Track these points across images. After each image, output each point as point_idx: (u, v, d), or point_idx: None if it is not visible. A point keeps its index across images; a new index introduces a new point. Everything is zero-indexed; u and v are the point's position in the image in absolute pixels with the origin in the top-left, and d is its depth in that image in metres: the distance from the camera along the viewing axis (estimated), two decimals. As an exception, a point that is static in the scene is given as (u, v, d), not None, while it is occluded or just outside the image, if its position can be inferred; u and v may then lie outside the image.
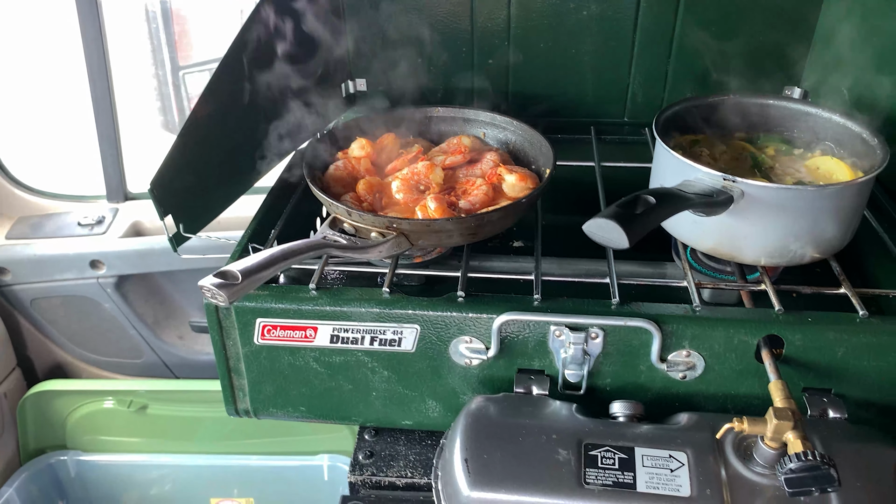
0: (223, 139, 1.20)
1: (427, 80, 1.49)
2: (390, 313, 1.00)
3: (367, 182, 1.15)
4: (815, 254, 1.01)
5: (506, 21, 1.41)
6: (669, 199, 0.85)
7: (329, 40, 1.42)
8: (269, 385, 1.08)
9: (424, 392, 1.05)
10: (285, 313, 1.02)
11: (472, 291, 1.01)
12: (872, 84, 1.22)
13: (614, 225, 0.76)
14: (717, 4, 1.35)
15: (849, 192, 0.96)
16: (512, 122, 1.29)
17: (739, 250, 1.01)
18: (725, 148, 1.15)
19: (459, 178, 1.20)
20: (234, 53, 1.16)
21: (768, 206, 0.96)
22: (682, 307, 0.97)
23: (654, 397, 1.00)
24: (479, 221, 1.03)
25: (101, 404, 2.18)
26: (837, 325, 0.93)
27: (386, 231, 1.02)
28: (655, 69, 1.43)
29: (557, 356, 0.99)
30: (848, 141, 1.11)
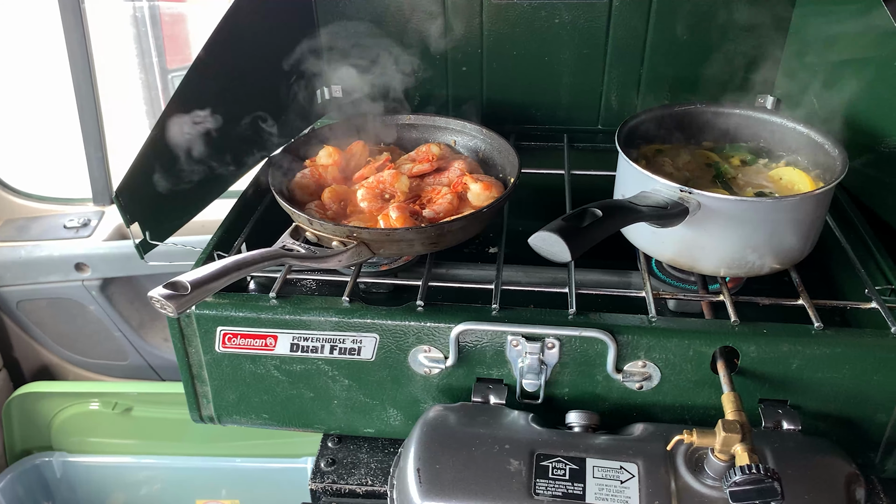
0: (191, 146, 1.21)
1: (402, 87, 1.49)
2: (349, 322, 1.00)
3: (333, 190, 1.16)
4: (774, 265, 1.01)
5: (478, 29, 1.41)
6: (617, 212, 0.85)
7: (302, 46, 1.43)
8: (232, 392, 1.09)
9: (385, 400, 1.05)
10: (246, 321, 1.03)
11: (436, 300, 1.02)
12: (839, 93, 1.22)
13: (557, 238, 0.77)
14: (689, 13, 1.35)
15: (806, 204, 0.96)
16: (481, 130, 1.29)
17: (698, 261, 1.01)
18: (690, 158, 1.15)
19: (426, 187, 1.21)
20: (204, 59, 1.17)
21: (725, 217, 0.96)
22: (638, 318, 0.98)
23: (612, 407, 1.01)
24: (440, 231, 1.04)
25: (86, 406, 2.19)
26: (792, 337, 0.94)
27: (347, 240, 1.03)
28: (628, 77, 1.43)
29: (515, 366, 1.00)
30: (811, 151, 1.11)
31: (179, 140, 1.17)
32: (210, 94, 1.22)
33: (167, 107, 1.12)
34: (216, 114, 1.24)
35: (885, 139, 1.13)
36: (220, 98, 1.25)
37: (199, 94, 1.18)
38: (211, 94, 1.22)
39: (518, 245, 1.18)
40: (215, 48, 1.18)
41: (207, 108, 1.22)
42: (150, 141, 1.10)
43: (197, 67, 1.16)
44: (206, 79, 1.19)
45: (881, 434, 0.97)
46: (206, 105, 1.21)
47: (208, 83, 1.20)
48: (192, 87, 1.16)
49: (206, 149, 1.24)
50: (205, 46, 1.17)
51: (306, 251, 0.99)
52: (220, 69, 1.22)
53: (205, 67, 1.18)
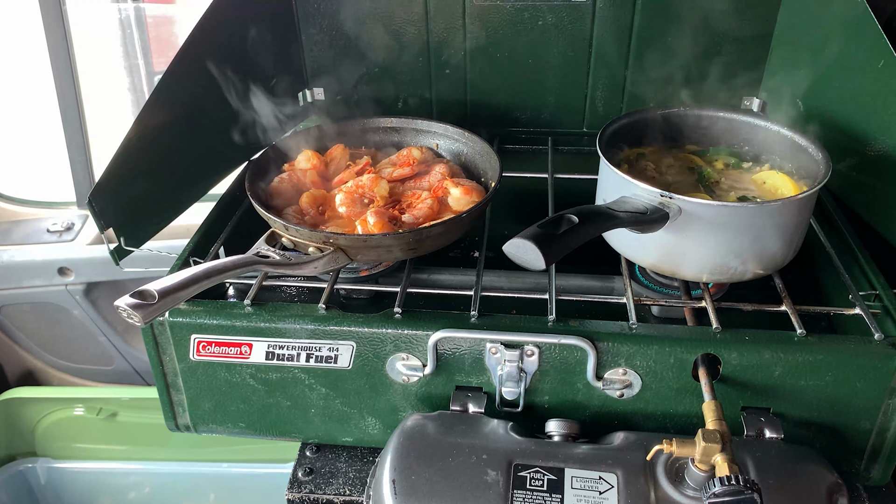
0: (171, 148, 1.19)
1: (385, 89, 1.48)
2: (325, 330, 0.98)
3: (311, 195, 1.14)
4: (757, 270, 1.00)
5: (461, 30, 1.39)
6: (594, 218, 0.84)
7: (284, 48, 1.42)
8: (208, 401, 1.07)
9: (363, 409, 1.04)
10: (220, 329, 1.01)
11: (416, 306, 1.00)
12: (824, 95, 1.21)
13: (531, 246, 0.75)
14: (674, 15, 1.33)
15: (788, 209, 0.95)
16: (464, 133, 1.28)
17: (680, 267, 1.00)
18: (672, 161, 1.13)
19: (407, 191, 1.19)
20: (182, 60, 1.15)
21: (707, 223, 0.94)
22: (618, 325, 0.96)
23: (593, 415, 0.99)
24: (419, 237, 1.02)
25: (71, 411, 2.17)
26: (774, 344, 0.92)
27: (323, 246, 1.01)
28: (613, 79, 1.42)
29: (494, 373, 0.98)
30: (795, 155, 1.10)
31: (156, 143, 1.15)
32: (187, 96, 1.20)
33: (143, 110, 1.10)
34: (193, 116, 1.23)
35: (870, 142, 1.12)
36: (198, 100, 1.23)
37: (175, 96, 1.17)
38: (188, 96, 1.20)
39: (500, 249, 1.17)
40: (193, 49, 1.17)
41: (184, 111, 1.20)
42: (124, 144, 1.08)
43: (174, 69, 1.14)
44: (184, 81, 1.17)
45: (865, 441, 0.96)
46: (183, 107, 1.20)
47: (185, 85, 1.19)
48: (169, 89, 1.14)
49: (184, 152, 1.23)
50: (182, 47, 1.16)
51: (281, 258, 0.97)
52: (197, 70, 1.20)
53: (182, 69, 1.16)
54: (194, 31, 1.17)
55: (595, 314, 1.10)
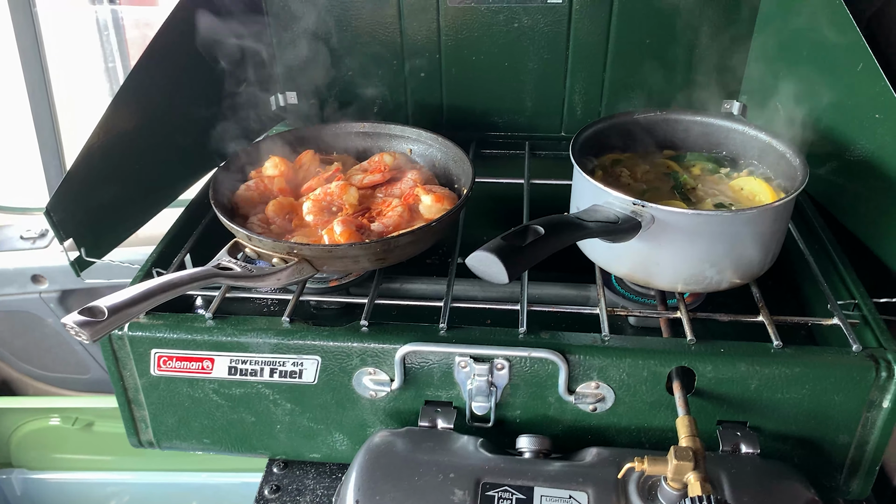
0: (137, 152, 1.15)
1: (359, 93, 1.44)
2: (289, 344, 0.95)
3: (277, 203, 1.11)
4: (734, 279, 0.97)
5: (436, 33, 1.36)
6: (562, 229, 0.81)
7: (254, 51, 1.38)
8: (171, 416, 1.04)
9: (330, 425, 1.01)
10: (181, 343, 0.98)
11: (387, 316, 0.98)
12: (804, 99, 1.18)
13: (494, 259, 0.72)
14: (652, 17, 1.31)
15: (764, 217, 0.92)
16: (437, 138, 1.25)
17: (654, 276, 0.97)
18: (648, 167, 1.11)
19: (378, 199, 1.16)
20: (147, 62, 1.12)
21: (681, 231, 0.92)
22: (590, 336, 0.93)
23: (565, 430, 0.96)
24: (386, 246, 0.99)
25: (46, 422, 2.13)
26: (750, 356, 0.90)
27: (288, 257, 0.98)
28: (591, 83, 1.39)
29: (464, 388, 0.95)
30: (774, 160, 1.08)
31: (120, 148, 1.12)
32: (153, 98, 1.16)
33: (105, 113, 1.07)
34: (160, 120, 1.19)
35: (849, 146, 1.10)
36: (165, 103, 1.19)
37: (140, 100, 1.13)
38: (154, 98, 1.16)
39: None
40: (159, 51, 1.13)
41: (150, 114, 1.16)
42: (87, 150, 1.05)
43: (138, 71, 1.11)
44: (149, 83, 1.14)
45: (844, 455, 0.94)
46: (149, 110, 1.16)
47: (151, 87, 1.15)
48: (134, 91, 1.11)
49: (150, 157, 1.19)
50: (146, 49, 1.12)
51: (242, 270, 0.94)
52: (163, 73, 1.16)
53: (147, 71, 1.12)
54: (159, 31, 1.14)
55: (570, 324, 1.08)
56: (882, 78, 0.99)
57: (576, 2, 1.30)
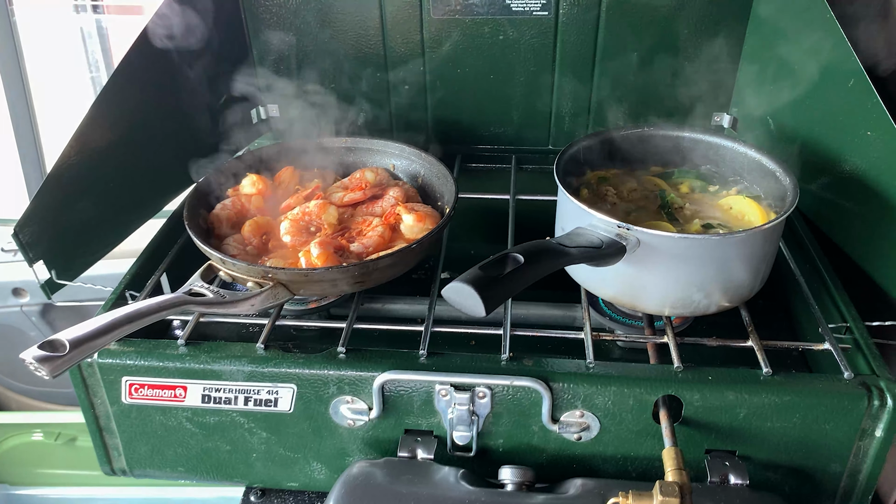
0: (112, 169, 1.12)
1: (343, 106, 1.41)
2: (263, 372, 0.92)
3: (254, 223, 1.07)
4: (723, 303, 0.94)
5: (419, 45, 1.33)
6: (542, 257, 0.78)
7: (234, 63, 1.35)
8: (144, 444, 1.00)
9: (308, 454, 0.97)
10: (152, 371, 0.94)
11: (368, 339, 0.95)
12: (795, 113, 1.16)
13: (470, 291, 0.69)
14: (640, 29, 1.28)
15: (753, 240, 0.90)
16: (420, 154, 1.22)
17: (640, 300, 0.94)
18: (636, 185, 1.08)
19: (358, 217, 1.13)
20: (121, 76, 1.08)
21: (667, 255, 0.89)
22: (574, 363, 0.91)
23: (550, 459, 0.93)
24: (364, 270, 0.96)
25: (29, 437, 2.10)
26: (738, 384, 0.87)
27: (262, 281, 0.95)
28: (579, 95, 1.36)
29: (445, 416, 0.92)
30: (763, 178, 1.05)
31: (95, 164, 1.08)
32: (128, 114, 1.13)
33: (79, 128, 1.03)
34: (137, 134, 1.15)
35: (841, 162, 1.07)
36: (142, 117, 1.16)
37: (115, 115, 1.10)
38: (129, 114, 1.13)
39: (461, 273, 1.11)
40: (134, 64, 1.10)
41: (127, 129, 1.13)
42: (59, 167, 1.02)
43: (114, 84, 1.07)
44: (124, 98, 1.10)
45: (836, 485, 0.91)
46: (124, 126, 1.13)
47: (126, 102, 1.12)
48: (108, 107, 1.07)
49: (127, 173, 1.15)
50: (122, 62, 1.09)
51: (214, 296, 0.90)
52: (140, 86, 1.13)
53: (121, 86, 1.09)
54: (135, 43, 1.11)
55: (556, 347, 1.05)
56: (874, 94, 0.96)
57: (562, 14, 1.27)
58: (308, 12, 1.33)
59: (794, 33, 1.15)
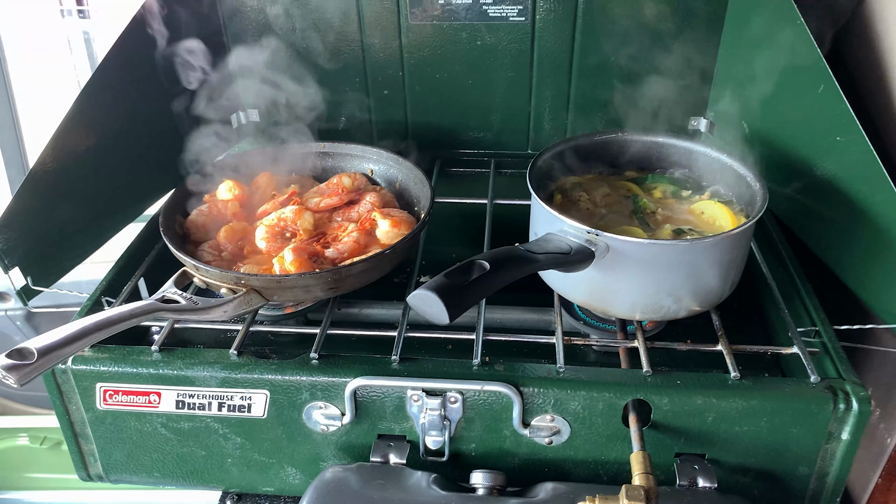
0: (88, 176, 1.12)
1: (323, 110, 1.41)
2: (236, 378, 0.93)
3: (229, 229, 1.08)
4: (693, 307, 0.95)
5: (398, 50, 1.34)
6: (508, 265, 0.78)
7: (214, 68, 1.35)
8: (119, 450, 1.01)
9: (282, 459, 0.98)
10: (126, 377, 0.95)
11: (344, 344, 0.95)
12: (769, 117, 1.17)
13: (434, 298, 0.70)
14: (616, 33, 1.29)
15: (722, 246, 0.90)
16: (398, 159, 1.22)
17: (611, 305, 0.95)
18: (609, 190, 1.08)
19: (335, 223, 1.13)
20: (101, 78, 1.08)
21: (636, 260, 0.89)
22: (545, 368, 0.91)
23: (522, 463, 0.94)
24: (338, 276, 0.96)
25: (14, 441, 2.10)
26: (706, 389, 0.88)
27: (236, 287, 0.95)
28: (557, 99, 1.37)
29: (417, 422, 0.93)
30: (735, 183, 1.06)
31: (73, 169, 1.08)
32: (108, 116, 1.12)
33: (56, 132, 1.03)
34: (115, 139, 1.16)
35: (813, 167, 1.08)
36: (121, 121, 1.16)
37: (93, 119, 1.09)
38: (108, 118, 1.13)
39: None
40: (112, 67, 1.10)
41: (105, 133, 1.13)
42: (35, 172, 1.02)
43: (92, 88, 1.07)
44: (104, 100, 1.10)
45: (805, 488, 0.92)
46: (104, 129, 1.12)
47: (106, 105, 1.11)
48: (86, 111, 1.07)
49: (105, 177, 1.15)
50: (100, 65, 1.09)
51: (187, 302, 0.91)
52: (118, 90, 1.13)
53: (101, 88, 1.09)
54: (113, 48, 1.11)
55: (532, 351, 1.06)
56: (843, 101, 0.97)
57: (539, 20, 1.28)
58: (287, 18, 1.33)
59: (766, 38, 1.16)
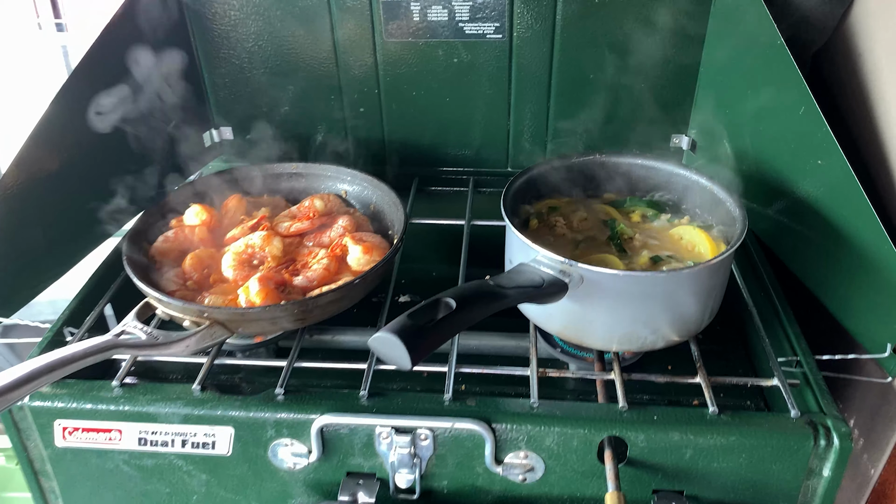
0: (54, 199, 1.08)
1: (298, 128, 1.39)
2: (199, 414, 0.89)
3: (195, 256, 1.04)
4: (672, 338, 0.93)
5: (373, 68, 1.31)
6: (477, 302, 0.75)
7: (184, 84, 1.32)
8: (82, 488, 0.97)
9: (249, 496, 0.95)
10: (86, 414, 0.91)
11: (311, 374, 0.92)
12: (749, 137, 1.14)
13: (396, 341, 0.67)
14: (596, 50, 1.26)
15: (699, 276, 0.88)
16: (372, 180, 1.19)
17: (587, 336, 0.92)
18: (586, 215, 1.06)
19: (305, 248, 1.10)
20: (67, 95, 1.05)
21: (611, 291, 0.87)
22: (519, 403, 0.88)
23: (494, 501, 0.91)
24: (305, 307, 0.93)
25: (-10, 461, 2.05)
26: (683, 425, 0.85)
27: (199, 320, 0.92)
28: (536, 117, 1.34)
29: (387, 459, 0.89)
30: (715, 207, 1.03)
31: (37, 191, 1.05)
32: (74, 135, 1.09)
33: (20, 153, 0.99)
34: (82, 159, 1.12)
35: (794, 189, 1.05)
36: (87, 140, 1.12)
37: (57, 140, 1.06)
38: (73, 139, 1.09)
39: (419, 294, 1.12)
40: (78, 81, 1.06)
41: (70, 153, 1.09)
42: None
43: (57, 105, 1.04)
44: (70, 118, 1.07)
45: (786, 524, 0.89)
46: (69, 149, 1.09)
47: (71, 126, 1.08)
48: (50, 132, 1.03)
49: (71, 199, 1.12)
50: (66, 82, 1.05)
51: (147, 338, 0.88)
52: (85, 107, 1.09)
53: (66, 106, 1.05)
54: (81, 62, 1.07)
55: (509, 379, 1.03)
56: (823, 124, 0.95)
57: (516, 37, 1.25)
58: (259, 37, 1.30)
59: (746, 57, 1.13)
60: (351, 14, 1.26)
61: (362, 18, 1.26)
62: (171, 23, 1.28)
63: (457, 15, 1.24)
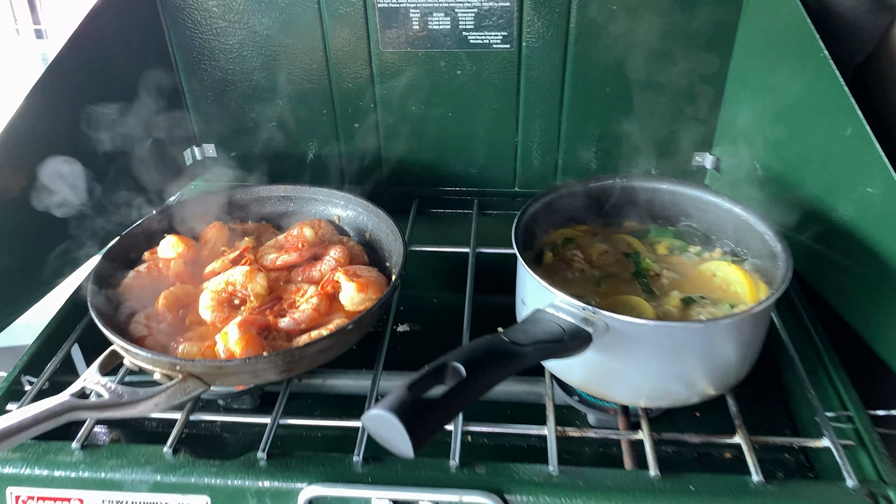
0: (25, 219, 0.97)
1: (287, 146, 1.27)
2: (171, 482, 0.78)
3: (170, 295, 0.93)
4: (707, 392, 0.82)
5: (369, 81, 1.20)
6: (490, 366, 0.64)
7: (164, 98, 1.21)
8: (39, 560, 0.86)
9: (228, 571, 0.84)
10: (43, 481, 0.80)
11: (296, 430, 0.82)
12: (783, 158, 1.04)
13: (395, 422, 0.55)
14: (612, 63, 1.15)
15: (740, 325, 0.77)
16: (368, 205, 1.09)
17: (611, 390, 0.81)
18: (606, 247, 0.95)
19: (293, 285, 0.99)
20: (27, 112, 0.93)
21: (641, 342, 0.76)
22: (536, 470, 0.77)
23: (508, 581, 0.80)
24: (290, 358, 0.82)
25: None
26: (725, 495, 0.74)
27: (171, 373, 0.81)
28: (547, 134, 1.23)
29: (385, 532, 0.78)
30: (750, 238, 0.92)
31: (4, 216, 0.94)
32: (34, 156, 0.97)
33: None
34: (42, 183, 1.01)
35: (836, 215, 0.95)
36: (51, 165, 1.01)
37: (18, 157, 0.94)
38: (35, 156, 0.97)
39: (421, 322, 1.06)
40: (44, 95, 0.95)
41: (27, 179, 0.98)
42: None
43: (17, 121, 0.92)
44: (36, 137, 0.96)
45: None
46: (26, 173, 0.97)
47: (39, 143, 0.97)
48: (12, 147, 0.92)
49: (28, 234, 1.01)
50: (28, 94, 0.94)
51: (110, 396, 0.77)
52: (51, 122, 0.98)
53: (27, 122, 0.94)
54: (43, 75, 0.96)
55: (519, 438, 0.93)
56: (875, 148, 0.84)
57: (525, 47, 1.14)
58: (244, 46, 1.19)
59: (781, 70, 1.03)
60: (344, 22, 1.15)
61: (356, 27, 1.15)
62: (147, 30, 1.17)
63: (460, 23, 1.13)
